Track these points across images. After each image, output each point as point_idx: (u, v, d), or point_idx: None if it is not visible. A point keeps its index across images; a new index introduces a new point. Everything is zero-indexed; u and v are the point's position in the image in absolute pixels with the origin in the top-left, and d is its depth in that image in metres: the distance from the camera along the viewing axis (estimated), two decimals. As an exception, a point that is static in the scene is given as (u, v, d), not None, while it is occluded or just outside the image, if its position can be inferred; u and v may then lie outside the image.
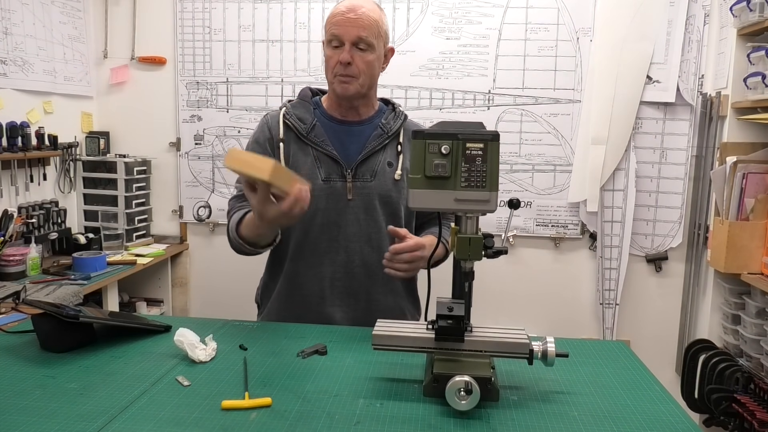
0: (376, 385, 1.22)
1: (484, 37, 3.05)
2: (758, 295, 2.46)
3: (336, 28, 1.58)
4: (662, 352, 3.07)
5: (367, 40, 1.58)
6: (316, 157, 1.64)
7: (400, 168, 1.67)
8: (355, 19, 1.56)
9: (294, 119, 1.66)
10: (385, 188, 1.65)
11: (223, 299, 3.34)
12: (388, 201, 1.66)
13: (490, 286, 3.08)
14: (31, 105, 2.85)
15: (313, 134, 1.65)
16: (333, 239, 1.64)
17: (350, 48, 1.58)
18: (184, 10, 3.21)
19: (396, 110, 1.74)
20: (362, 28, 1.57)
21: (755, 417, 2.10)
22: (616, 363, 1.37)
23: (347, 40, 1.57)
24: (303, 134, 1.65)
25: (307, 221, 1.63)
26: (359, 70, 1.59)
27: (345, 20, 1.57)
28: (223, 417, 1.07)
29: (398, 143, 1.69)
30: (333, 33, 1.59)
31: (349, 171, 1.64)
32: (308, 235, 1.65)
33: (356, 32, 1.57)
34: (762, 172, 2.48)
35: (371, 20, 1.58)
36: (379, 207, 1.65)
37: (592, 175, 2.98)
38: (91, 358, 1.32)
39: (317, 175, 1.63)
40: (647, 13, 2.88)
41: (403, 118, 1.73)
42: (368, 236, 1.65)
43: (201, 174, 3.30)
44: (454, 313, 1.16)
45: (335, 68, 1.60)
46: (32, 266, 2.57)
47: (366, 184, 1.64)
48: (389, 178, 1.66)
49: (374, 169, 1.65)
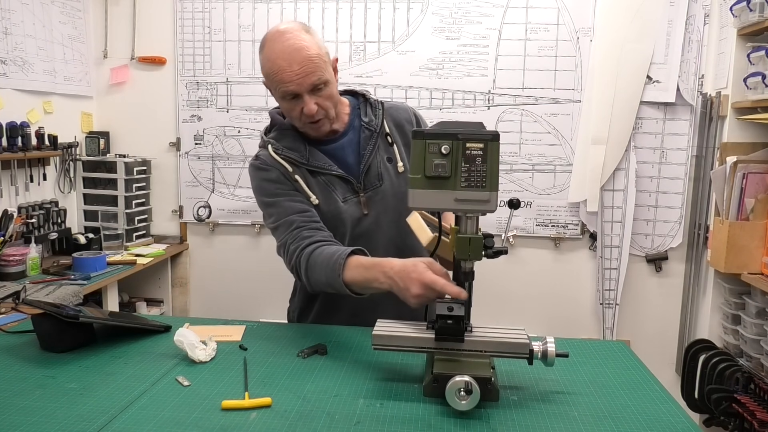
0: (376, 385, 1.22)
1: (484, 37, 3.05)
2: (758, 295, 2.46)
3: (286, 85, 1.46)
4: (662, 352, 3.07)
5: (322, 80, 1.47)
6: (327, 182, 1.57)
7: (399, 160, 1.61)
8: (301, 69, 1.44)
9: (287, 152, 1.56)
10: (394, 184, 1.60)
11: (223, 299, 3.34)
12: (402, 196, 1.55)
13: (490, 286, 3.08)
14: (31, 105, 2.85)
15: (314, 160, 1.57)
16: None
17: (309, 97, 1.47)
18: (184, 10, 3.21)
19: (369, 101, 1.65)
20: (312, 74, 1.45)
21: (755, 417, 2.09)
22: (616, 363, 1.37)
23: (304, 92, 1.46)
24: (304, 163, 1.56)
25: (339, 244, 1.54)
26: (325, 109, 1.51)
27: (293, 75, 1.44)
28: (223, 417, 1.07)
29: (387, 135, 1.63)
30: (284, 90, 1.47)
31: (360, 184, 1.58)
32: None
33: (309, 81, 1.45)
34: (762, 172, 2.48)
35: (315, 58, 1.45)
36: (396, 205, 1.59)
37: (592, 175, 2.98)
38: (91, 358, 1.32)
39: (336, 198, 1.56)
40: (647, 13, 2.88)
41: (381, 107, 1.65)
42: (395, 243, 1.59)
43: (201, 174, 3.30)
44: (454, 313, 1.16)
45: (302, 118, 1.50)
46: (32, 266, 2.57)
47: (377, 189, 1.59)
48: (394, 173, 1.62)
49: (378, 171, 1.60)
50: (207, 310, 3.38)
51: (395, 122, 1.66)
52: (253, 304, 3.27)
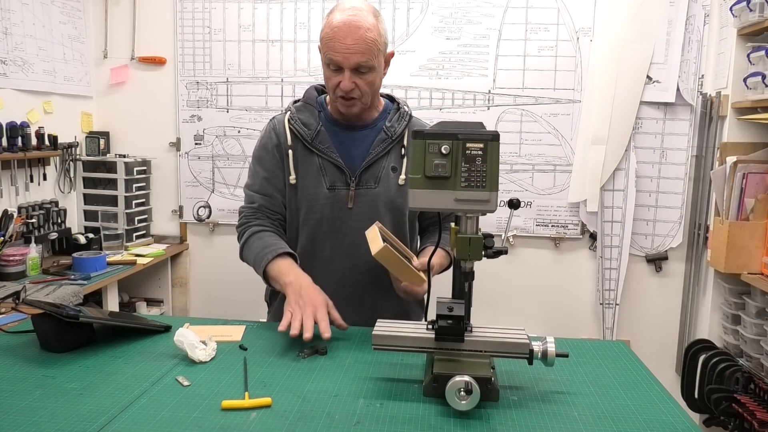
0: (376, 385, 1.22)
1: (484, 37, 3.05)
2: (758, 295, 2.46)
3: (334, 54, 1.50)
4: (662, 352, 3.07)
5: (368, 64, 1.52)
6: (321, 165, 1.62)
7: (404, 173, 1.63)
8: (354, 45, 1.48)
9: (299, 125, 1.63)
10: (389, 194, 1.63)
11: (223, 299, 3.34)
12: (393, 207, 1.64)
13: (490, 286, 3.08)
14: (31, 105, 2.85)
15: (318, 141, 1.62)
16: (337, 246, 1.64)
17: (351, 75, 1.52)
18: (184, 10, 3.21)
19: (400, 110, 1.69)
20: (362, 54, 1.49)
21: (755, 417, 2.09)
22: (616, 363, 1.37)
23: (347, 67, 1.51)
24: (308, 141, 1.62)
25: (312, 228, 1.63)
26: (362, 92, 1.55)
27: (343, 48, 1.49)
28: (223, 417, 1.07)
29: (402, 146, 1.66)
30: (331, 58, 1.52)
31: (353, 179, 1.62)
32: (314, 243, 1.65)
33: (356, 59, 1.50)
34: (762, 172, 2.48)
35: (370, 42, 1.50)
36: (384, 213, 1.63)
37: (592, 175, 2.98)
38: (91, 358, 1.32)
39: (322, 183, 1.62)
40: (647, 13, 2.88)
41: (408, 119, 1.68)
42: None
43: (201, 174, 3.30)
44: (454, 313, 1.16)
45: (336, 90, 1.55)
46: (32, 266, 2.57)
47: (370, 190, 1.62)
48: (393, 184, 1.64)
49: (378, 175, 1.63)
50: (207, 310, 3.37)
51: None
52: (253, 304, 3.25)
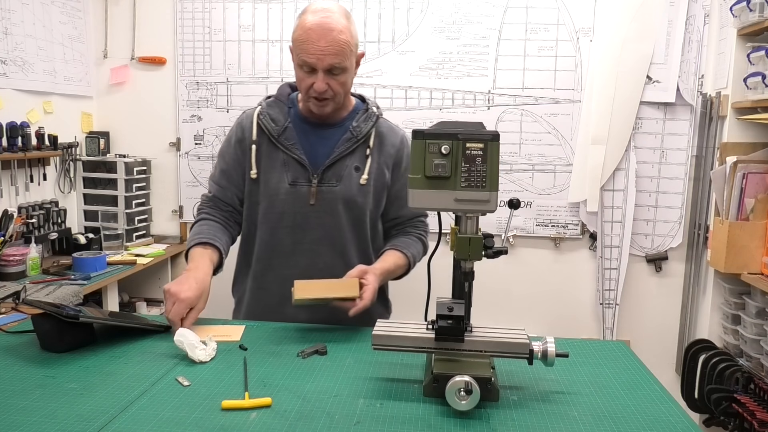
0: (376, 385, 1.22)
1: (484, 37, 3.05)
2: (758, 295, 2.46)
3: (308, 56, 1.53)
4: (662, 352, 3.07)
5: (341, 65, 1.54)
6: (285, 161, 1.65)
7: (366, 173, 1.65)
8: (327, 47, 1.51)
9: (267, 120, 1.67)
10: (350, 193, 1.65)
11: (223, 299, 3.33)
12: (353, 206, 1.66)
13: (490, 286, 3.08)
14: (31, 105, 2.85)
15: (284, 137, 1.65)
16: (297, 242, 1.66)
17: (324, 76, 1.54)
18: (184, 10, 3.21)
19: (369, 111, 1.70)
20: (335, 56, 1.52)
21: (755, 417, 2.09)
22: (616, 363, 1.37)
23: (320, 68, 1.53)
24: (274, 136, 1.65)
25: (273, 223, 1.66)
26: (335, 93, 1.58)
27: (317, 50, 1.51)
28: (223, 417, 1.07)
29: (367, 147, 1.67)
30: (304, 60, 1.54)
31: (315, 176, 1.64)
32: (274, 237, 1.67)
33: (329, 61, 1.52)
34: (762, 172, 2.48)
35: (343, 44, 1.52)
36: (344, 211, 1.65)
37: (592, 175, 2.98)
38: (91, 358, 1.32)
39: (284, 179, 1.64)
40: (647, 13, 2.88)
41: (375, 120, 1.69)
42: (332, 240, 1.66)
43: (201, 174, 3.29)
44: (454, 313, 1.16)
45: (309, 91, 1.57)
46: (32, 266, 2.57)
47: (331, 188, 1.64)
48: (355, 183, 1.65)
49: (341, 173, 1.65)
50: (207, 310, 3.36)
51: (380, 139, 1.70)
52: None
